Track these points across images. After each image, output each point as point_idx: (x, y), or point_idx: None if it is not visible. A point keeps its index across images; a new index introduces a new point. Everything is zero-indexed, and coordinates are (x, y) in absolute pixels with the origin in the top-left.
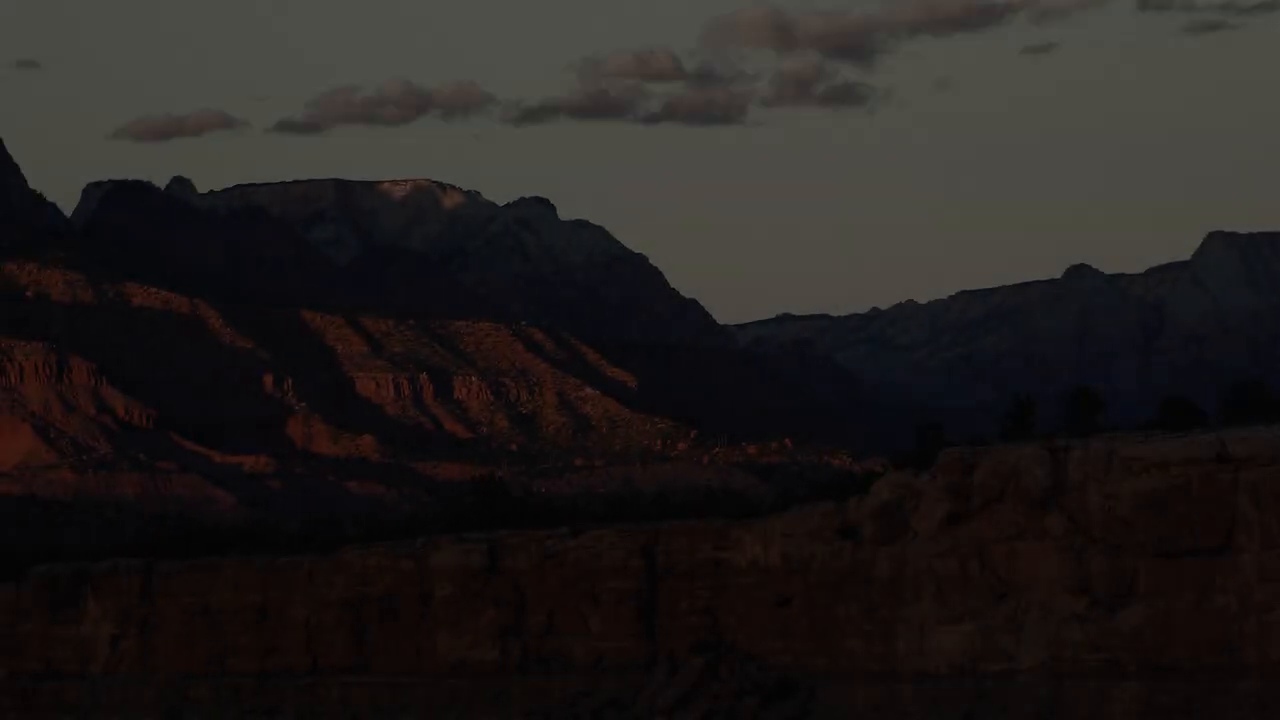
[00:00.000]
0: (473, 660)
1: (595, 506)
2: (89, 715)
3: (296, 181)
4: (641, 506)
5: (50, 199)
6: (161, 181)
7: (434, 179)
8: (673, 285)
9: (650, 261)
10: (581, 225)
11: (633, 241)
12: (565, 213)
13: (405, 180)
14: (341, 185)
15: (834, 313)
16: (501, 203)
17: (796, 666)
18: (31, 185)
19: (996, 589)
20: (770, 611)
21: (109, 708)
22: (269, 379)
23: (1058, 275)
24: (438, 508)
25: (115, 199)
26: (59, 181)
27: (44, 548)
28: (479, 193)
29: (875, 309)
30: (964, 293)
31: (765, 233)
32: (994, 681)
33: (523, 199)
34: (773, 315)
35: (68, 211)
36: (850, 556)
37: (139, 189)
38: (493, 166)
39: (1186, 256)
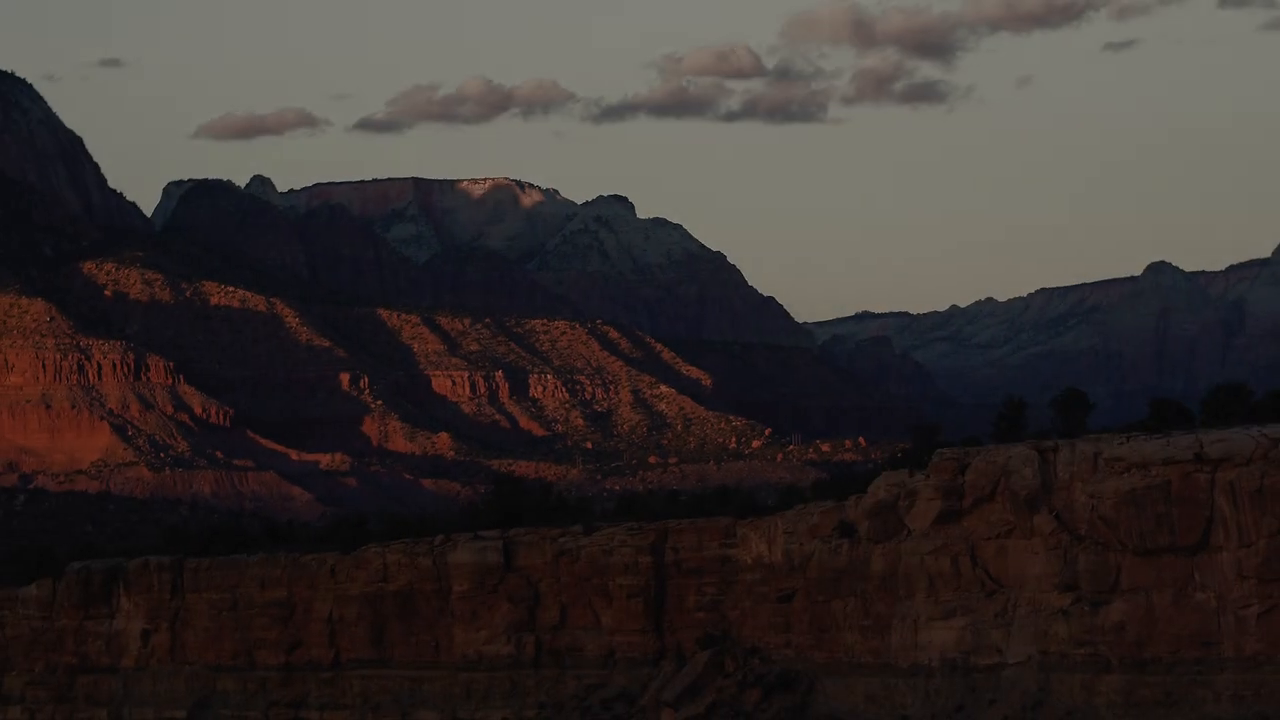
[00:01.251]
0: (488, 654)
1: (609, 504)
2: (121, 707)
3: (375, 180)
4: (652, 505)
5: (131, 198)
6: (242, 181)
7: (513, 177)
8: (751, 283)
9: (728, 259)
10: (660, 223)
11: (711, 239)
12: (643, 211)
13: (484, 179)
14: (420, 184)
15: (913, 310)
16: (580, 201)
17: (798, 660)
18: (112, 185)
19: (987, 585)
20: (773, 607)
21: (140, 699)
22: (345, 377)
23: (1137, 273)
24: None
25: (195, 198)
26: (140, 181)
27: (81, 545)
28: (557, 191)
29: (954, 307)
30: (1043, 290)
31: (844, 230)
32: (984, 674)
33: (601, 197)
34: (851, 313)
35: (148, 211)
36: (847, 554)
37: (219, 188)
38: (572, 165)
39: (1266, 254)
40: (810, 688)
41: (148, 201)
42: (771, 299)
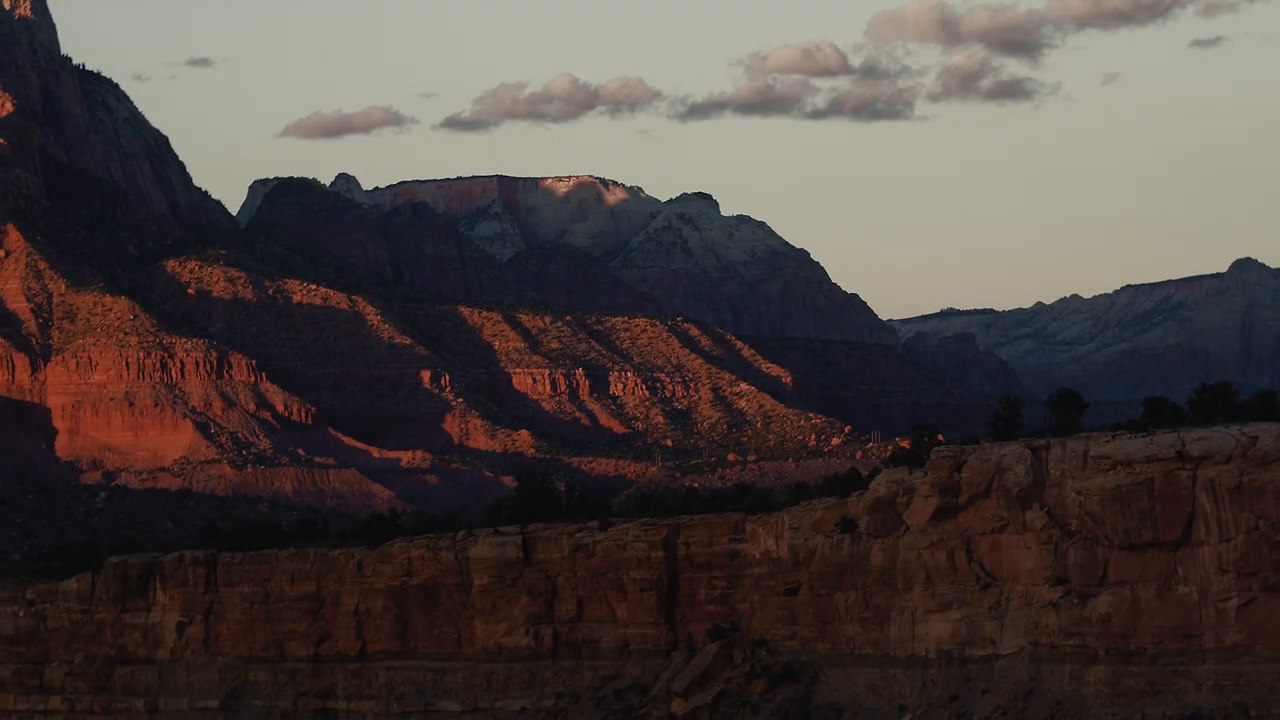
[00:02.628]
0: (508, 646)
1: (628, 502)
2: (157, 697)
3: (460, 178)
4: (668, 501)
5: (217, 197)
6: (327, 179)
7: (597, 175)
8: (834, 280)
9: (811, 256)
10: (743, 221)
11: (794, 237)
12: (727, 208)
13: (568, 177)
14: (505, 182)
15: (998, 307)
16: (664, 199)
17: (803, 651)
18: (197, 183)
19: (982, 579)
20: (780, 600)
21: (175, 690)
22: (426, 375)
23: (1223, 269)
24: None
25: (280, 196)
26: (226, 179)
27: (124, 540)
28: (641, 189)
29: (1040, 303)
30: (1129, 287)
31: (930, 227)
32: (978, 665)
33: (685, 195)
34: (936, 310)
35: (233, 209)
36: (849, 548)
37: (304, 186)
38: (656, 162)
39: None
40: (814, 678)
41: (233, 200)
42: (855, 296)
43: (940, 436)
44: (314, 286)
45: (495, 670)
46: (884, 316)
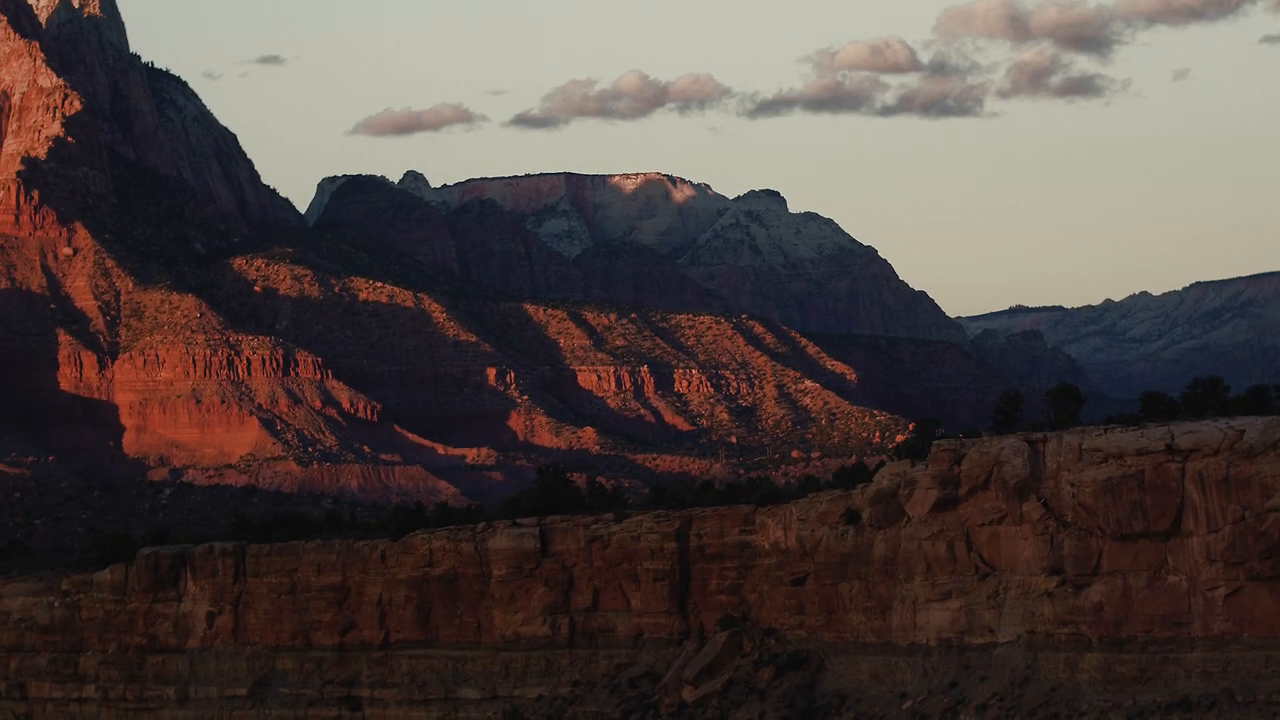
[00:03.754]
0: (526, 635)
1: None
2: (188, 685)
3: (528, 175)
4: (681, 494)
5: (286, 194)
6: (396, 176)
7: (665, 173)
8: (902, 278)
9: (879, 254)
10: (811, 218)
11: (862, 234)
12: (795, 205)
13: (636, 174)
14: (572, 179)
15: (1067, 305)
16: (731, 196)
17: (810, 640)
18: (266, 181)
19: (980, 569)
20: (787, 590)
21: (205, 678)
22: (492, 372)
23: None
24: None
25: (348, 194)
26: (296, 177)
27: (155, 531)
28: (709, 186)
29: (1108, 301)
30: (1198, 284)
31: (999, 224)
32: (977, 653)
33: (752, 192)
34: (1005, 308)
35: (302, 207)
36: (852, 539)
37: (371, 184)
38: (724, 160)
39: None
40: (820, 666)
41: (302, 198)
42: (923, 294)
43: (939, 430)
44: (380, 284)
45: (514, 658)
46: (952, 314)
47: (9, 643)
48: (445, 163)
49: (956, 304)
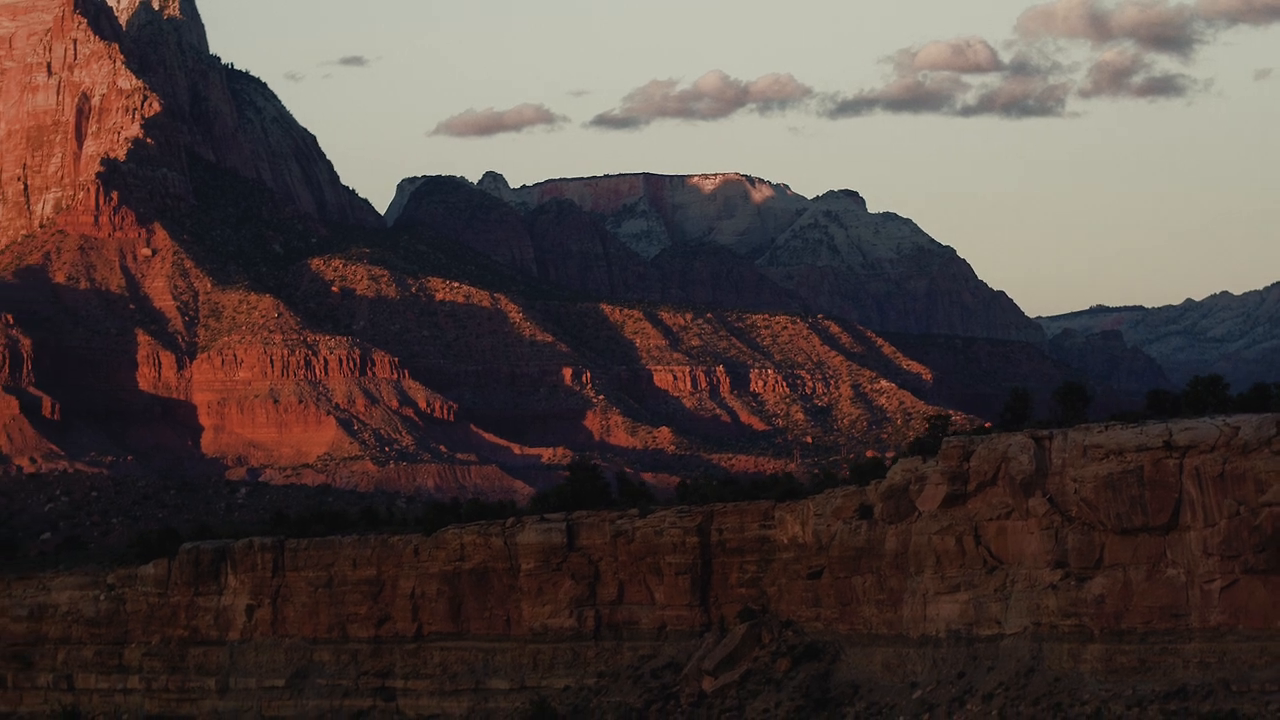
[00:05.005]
0: (553, 627)
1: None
2: (228, 676)
3: (607, 176)
4: (704, 490)
5: (366, 196)
6: (476, 177)
7: (744, 173)
8: (981, 277)
9: (958, 254)
10: (890, 218)
11: (941, 234)
12: (874, 205)
13: (715, 174)
14: (651, 179)
15: (1147, 304)
16: (810, 196)
17: (826, 632)
18: (346, 182)
19: (988, 562)
20: (804, 583)
21: (245, 670)
22: (568, 372)
23: None
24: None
25: (427, 195)
26: (377, 178)
27: (199, 526)
28: (787, 186)
29: (1189, 300)
30: (1279, 284)
31: (1080, 224)
32: (984, 644)
33: (831, 192)
34: (1085, 307)
35: (382, 208)
36: (866, 533)
37: (450, 184)
38: (803, 160)
39: None
40: (835, 657)
41: (383, 198)
42: (1002, 293)
43: (952, 426)
44: (456, 284)
45: (541, 650)
46: (1031, 314)
47: (56, 635)
48: (525, 163)
49: (1037, 304)
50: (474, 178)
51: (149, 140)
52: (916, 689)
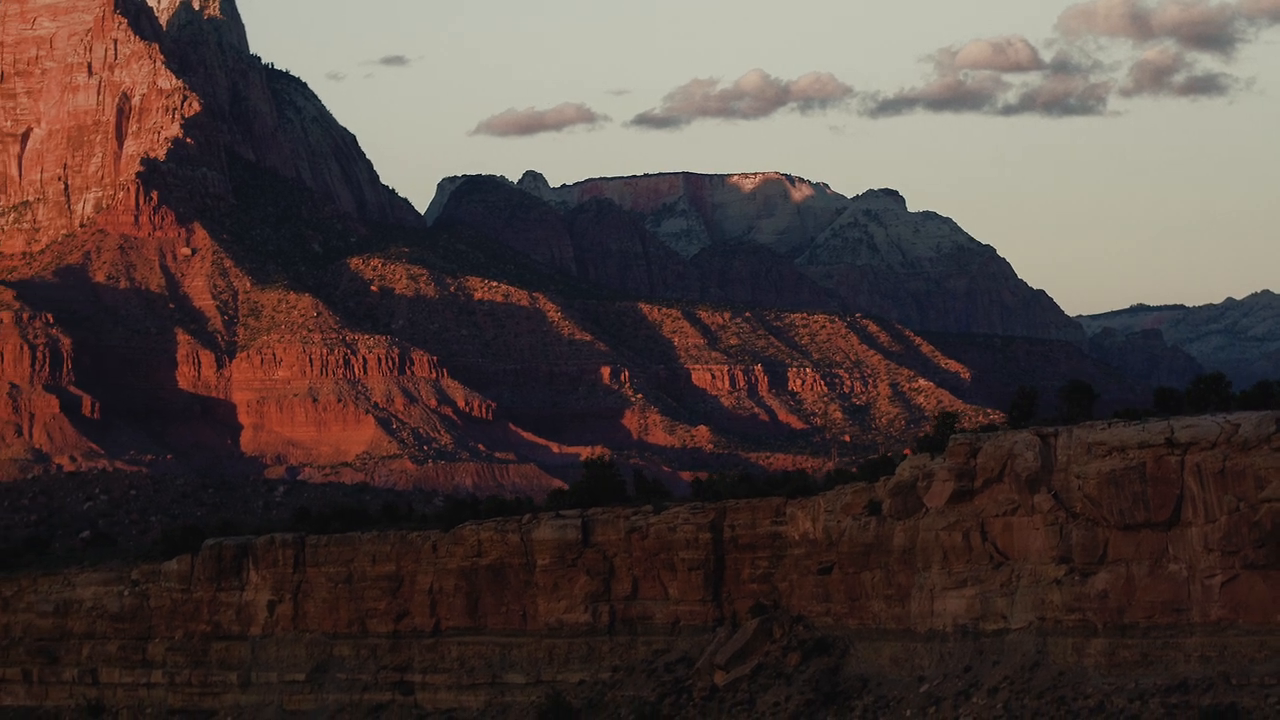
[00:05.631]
0: (568, 622)
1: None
2: (250, 671)
3: (646, 175)
4: (718, 487)
5: (406, 195)
6: (516, 176)
7: (784, 172)
8: (1021, 276)
9: (998, 252)
10: (930, 217)
11: (981, 233)
12: (914, 204)
13: (754, 174)
14: (691, 179)
15: (1188, 303)
16: (850, 195)
17: (835, 627)
18: (386, 182)
19: (995, 558)
20: (815, 578)
21: (266, 664)
22: (606, 371)
23: None
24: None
25: (466, 194)
26: (418, 177)
27: (221, 523)
28: (827, 185)
29: (1230, 299)
30: None
31: (1121, 223)
32: (990, 639)
33: (871, 191)
34: (1126, 306)
35: (422, 207)
36: (874, 530)
37: (490, 184)
38: (843, 159)
39: None
40: (844, 652)
41: (424, 198)
42: (1041, 292)
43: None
44: (495, 283)
45: (557, 645)
46: (1072, 313)
47: (81, 630)
48: (565, 162)
49: (1077, 303)
50: (514, 177)
51: (189, 140)
52: (924, 683)
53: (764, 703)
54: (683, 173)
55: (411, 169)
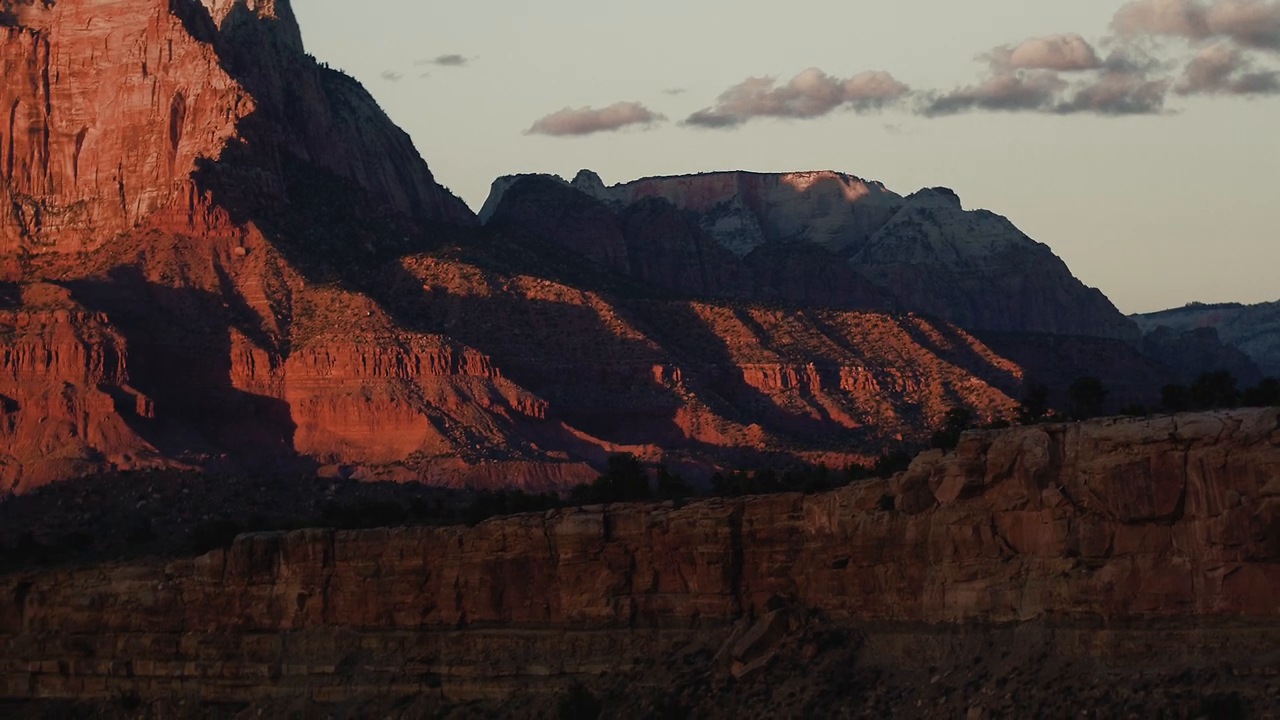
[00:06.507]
0: (591, 615)
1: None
2: (280, 663)
3: (700, 174)
4: (736, 483)
5: (461, 194)
6: (571, 175)
7: (838, 171)
8: (1075, 275)
9: (1052, 251)
10: (984, 215)
11: (1036, 231)
12: (968, 203)
13: (809, 172)
14: (745, 178)
15: (1244, 301)
16: (904, 194)
17: (850, 619)
18: (441, 181)
19: (1004, 552)
20: (830, 572)
21: (296, 657)
22: (659, 370)
23: None
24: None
25: (520, 193)
26: (473, 176)
27: (255, 519)
28: (881, 184)
29: None
30: None
31: (1177, 221)
32: (1000, 630)
33: (925, 190)
34: (1182, 305)
35: (477, 206)
36: (887, 524)
37: (544, 183)
38: (897, 157)
39: None
40: (859, 644)
41: (479, 197)
42: (1096, 291)
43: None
44: (548, 282)
45: (579, 637)
46: (1127, 311)
47: (116, 623)
48: (620, 162)
49: (1133, 302)
50: (569, 176)
51: (243, 140)
52: (935, 674)
53: (780, 694)
54: (737, 172)
55: (466, 169)
